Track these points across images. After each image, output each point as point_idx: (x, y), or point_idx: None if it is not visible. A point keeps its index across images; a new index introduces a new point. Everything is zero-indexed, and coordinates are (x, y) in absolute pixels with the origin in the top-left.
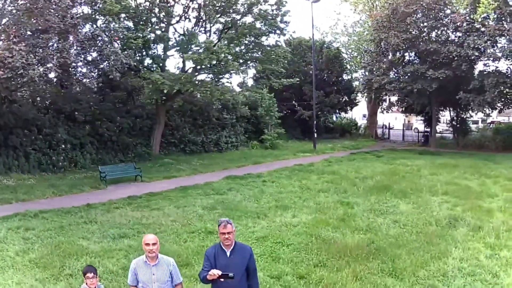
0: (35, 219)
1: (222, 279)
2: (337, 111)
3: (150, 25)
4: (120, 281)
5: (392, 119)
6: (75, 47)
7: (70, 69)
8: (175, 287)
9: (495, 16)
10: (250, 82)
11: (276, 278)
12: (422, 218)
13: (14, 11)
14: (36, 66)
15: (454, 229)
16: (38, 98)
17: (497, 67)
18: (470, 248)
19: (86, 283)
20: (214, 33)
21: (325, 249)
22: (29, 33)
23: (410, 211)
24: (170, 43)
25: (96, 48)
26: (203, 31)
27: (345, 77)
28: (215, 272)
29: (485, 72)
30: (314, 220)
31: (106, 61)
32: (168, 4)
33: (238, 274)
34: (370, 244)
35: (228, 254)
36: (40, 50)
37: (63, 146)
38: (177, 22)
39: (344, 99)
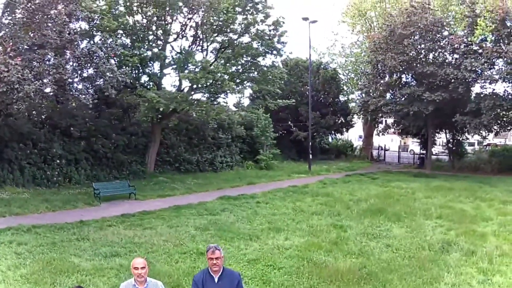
0: (28, 233)
1: None
2: (333, 132)
3: (147, 43)
4: None
5: (388, 141)
6: (71, 63)
7: (66, 85)
8: None
9: (493, 38)
10: (246, 102)
11: None
12: (415, 242)
13: (11, 24)
14: (31, 81)
15: (447, 253)
16: (34, 113)
17: (494, 89)
18: (463, 273)
19: None
20: (211, 52)
21: (317, 273)
22: (25, 47)
23: (403, 235)
24: (167, 61)
25: (92, 64)
26: (200, 50)
27: (341, 98)
28: None
29: (482, 95)
30: (306, 243)
31: (102, 78)
32: (166, 22)
33: None
34: (362, 268)
35: (216, 280)
36: (36, 65)
37: (58, 161)
38: (174, 40)
39: (340, 121)
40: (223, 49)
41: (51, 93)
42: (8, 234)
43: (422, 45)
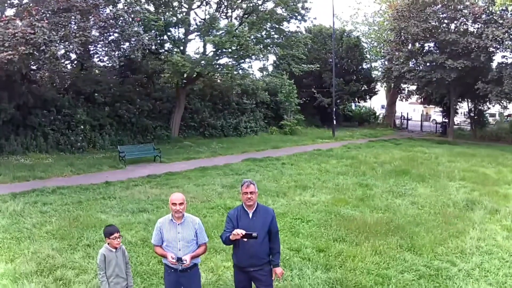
0: (53, 194)
1: (245, 239)
2: (356, 99)
3: (171, 9)
4: (139, 251)
5: (411, 111)
6: (96, 27)
7: (90, 47)
8: (199, 247)
9: None
10: (270, 69)
11: (295, 251)
12: (440, 200)
13: None
14: (58, 43)
15: (471, 211)
16: (58, 80)
17: None
18: (487, 229)
19: (112, 244)
20: (235, 18)
21: (344, 225)
22: (50, 12)
23: (428, 194)
24: (191, 28)
25: (117, 29)
26: (224, 17)
27: (364, 66)
28: (239, 232)
29: (503, 64)
30: (333, 199)
31: (128, 42)
32: None
33: (260, 236)
34: (389, 222)
35: (250, 215)
36: (62, 29)
37: (82, 127)
38: (198, 7)
39: (363, 88)
40: (247, 15)
41: (76, 61)
42: (32, 196)
43: (444, 14)
